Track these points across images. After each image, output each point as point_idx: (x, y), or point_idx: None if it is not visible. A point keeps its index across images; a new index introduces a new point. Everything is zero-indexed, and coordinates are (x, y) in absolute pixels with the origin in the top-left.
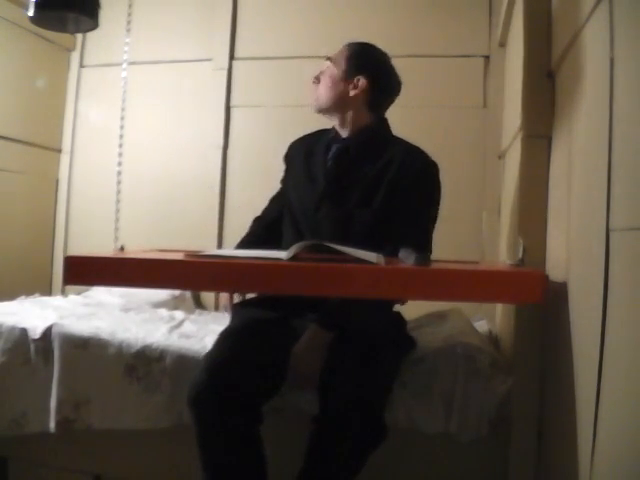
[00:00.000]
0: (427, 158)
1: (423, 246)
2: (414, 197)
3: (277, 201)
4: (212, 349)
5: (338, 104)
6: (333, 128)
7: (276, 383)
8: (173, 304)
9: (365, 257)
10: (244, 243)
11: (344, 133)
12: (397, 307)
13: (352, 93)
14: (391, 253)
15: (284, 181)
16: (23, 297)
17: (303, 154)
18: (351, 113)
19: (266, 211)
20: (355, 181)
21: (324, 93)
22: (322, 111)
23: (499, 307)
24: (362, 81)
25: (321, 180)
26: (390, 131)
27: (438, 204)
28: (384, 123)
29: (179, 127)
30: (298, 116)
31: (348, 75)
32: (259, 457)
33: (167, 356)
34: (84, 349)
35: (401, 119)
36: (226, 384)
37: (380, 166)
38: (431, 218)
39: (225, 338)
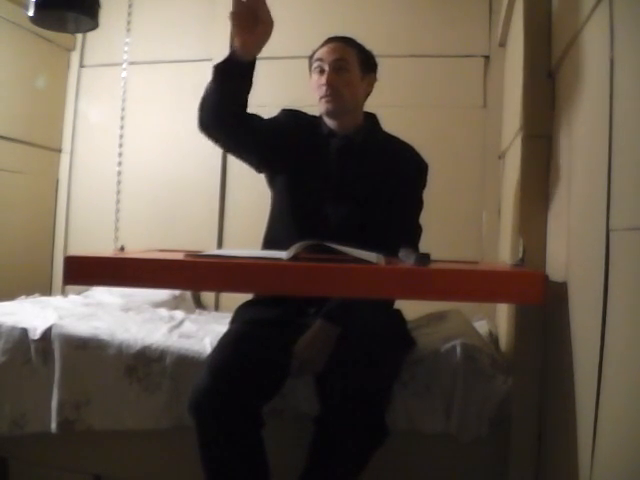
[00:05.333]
0: (421, 160)
1: (415, 241)
2: (410, 196)
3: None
4: (212, 355)
5: (359, 106)
6: (321, 119)
7: (277, 383)
8: (173, 304)
9: (365, 257)
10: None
11: (340, 129)
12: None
13: (367, 92)
14: (385, 248)
15: (269, 124)
16: (23, 297)
17: (305, 138)
18: (358, 112)
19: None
20: (359, 180)
21: (351, 96)
22: (344, 113)
23: (499, 307)
24: (371, 80)
25: (324, 177)
26: (381, 127)
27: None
28: (376, 119)
29: (179, 127)
30: None
31: (362, 77)
32: (261, 461)
33: (167, 356)
34: (84, 350)
35: (401, 119)
36: (227, 391)
37: (381, 167)
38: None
39: (226, 343)
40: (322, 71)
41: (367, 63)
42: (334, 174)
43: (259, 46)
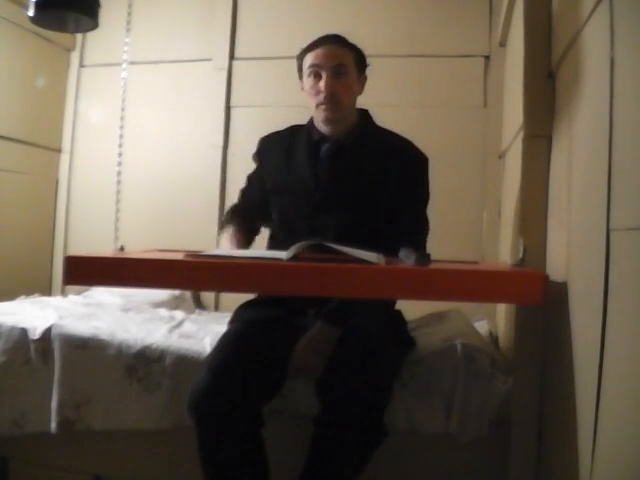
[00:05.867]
0: (421, 154)
1: (424, 238)
2: (414, 195)
3: (251, 195)
4: (212, 355)
5: (354, 108)
6: (309, 125)
7: (277, 383)
8: (173, 304)
9: (365, 257)
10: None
11: (333, 133)
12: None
13: (361, 92)
14: (390, 248)
15: (258, 179)
16: (23, 297)
17: (283, 153)
18: (353, 113)
19: (244, 205)
20: (356, 185)
21: (350, 102)
22: (342, 119)
23: (499, 307)
24: (364, 80)
25: (315, 185)
26: (375, 122)
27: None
28: (368, 115)
29: (179, 127)
30: (298, 116)
31: (358, 78)
32: (261, 462)
33: (167, 356)
34: (84, 350)
35: (401, 119)
36: (227, 391)
37: (379, 167)
38: (425, 211)
39: (225, 343)
40: (318, 75)
41: (361, 63)
42: (327, 181)
43: None
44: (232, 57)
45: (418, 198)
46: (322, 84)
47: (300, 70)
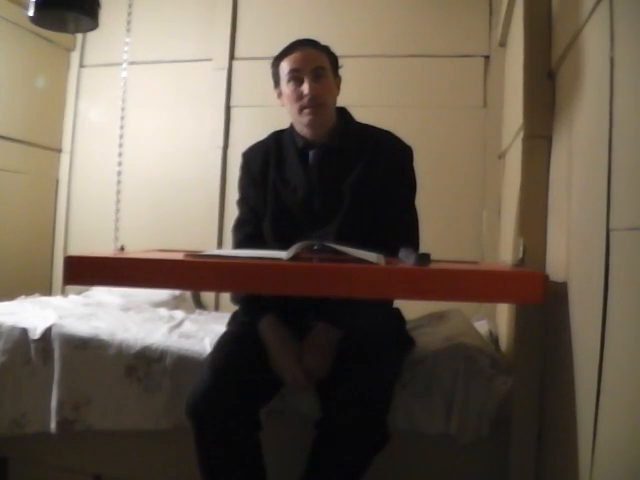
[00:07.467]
0: (404, 144)
1: (416, 235)
2: (400, 185)
3: (251, 210)
4: (211, 357)
5: (334, 110)
6: (291, 131)
7: (275, 386)
8: (173, 304)
9: (365, 257)
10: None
11: (317, 137)
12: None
13: (337, 95)
14: (386, 247)
15: (250, 192)
16: (23, 297)
17: (273, 162)
18: (333, 115)
19: (248, 225)
20: (348, 186)
21: (331, 103)
22: (325, 121)
23: (499, 307)
24: (339, 81)
25: (310, 193)
26: (354, 119)
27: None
28: (347, 113)
29: (179, 127)
30: None
31: (335, 79)
32: (258, 465)
33: (167, 357)
34: (84, 349)
35: (401, 119)
36: (225, 393)
37: (367, 164)
38: (413, 201)
39: (223, 345)
40: (298, 80)
41: (336, 65)
42: (320, 187)
43: None
44: (232, 57)
45: (404, 188)
46: (305, 87)
47: (276, 77)
